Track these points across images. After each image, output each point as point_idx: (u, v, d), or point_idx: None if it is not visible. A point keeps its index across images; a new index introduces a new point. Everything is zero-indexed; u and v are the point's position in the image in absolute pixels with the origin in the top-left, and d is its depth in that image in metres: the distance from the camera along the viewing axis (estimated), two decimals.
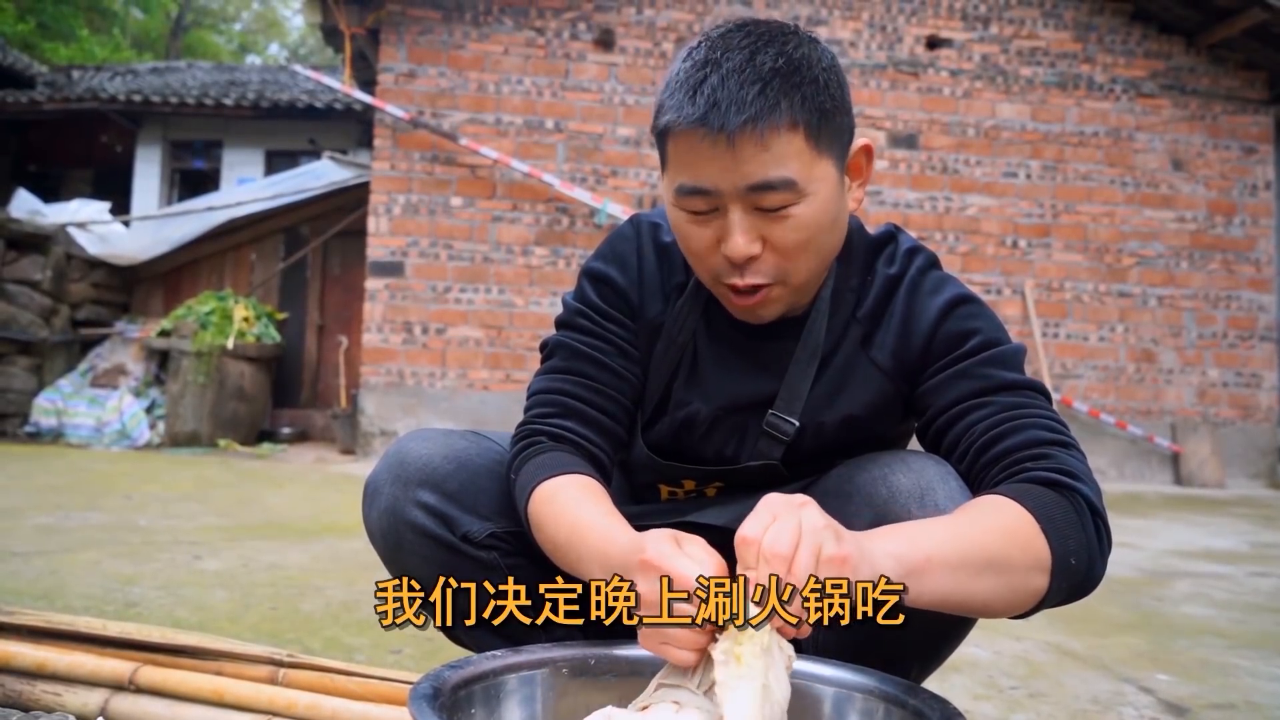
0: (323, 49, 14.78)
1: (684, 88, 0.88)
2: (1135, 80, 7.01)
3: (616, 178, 6.57)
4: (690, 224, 0.93)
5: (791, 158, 0.87)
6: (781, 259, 0.91)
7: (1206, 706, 1.73)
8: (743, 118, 0.84)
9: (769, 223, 0.89)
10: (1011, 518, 0.81)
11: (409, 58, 6.47)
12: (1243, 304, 7.00)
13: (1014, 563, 0.80)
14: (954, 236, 6.79)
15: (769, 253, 0.91)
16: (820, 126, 0.88)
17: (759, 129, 0.85)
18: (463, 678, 0.77)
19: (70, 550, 2.75)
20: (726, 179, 0.87)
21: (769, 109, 0.85)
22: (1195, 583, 3.05)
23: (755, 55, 0.87)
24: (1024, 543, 0.80)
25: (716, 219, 0.91)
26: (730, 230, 0.89)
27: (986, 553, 0.78)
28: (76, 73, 10.88)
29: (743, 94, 0.85)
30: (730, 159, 0.86)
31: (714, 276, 0.95)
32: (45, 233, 7.22)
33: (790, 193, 0.88)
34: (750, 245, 0.89)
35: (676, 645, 0.71)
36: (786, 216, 0.89)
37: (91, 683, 1.19)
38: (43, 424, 6.79)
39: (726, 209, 0.89)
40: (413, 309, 6.42)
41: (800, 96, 0.87)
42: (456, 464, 1.05)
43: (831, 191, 0.91)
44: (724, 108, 0.85)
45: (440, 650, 1.78)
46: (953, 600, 0.78)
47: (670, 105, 0.89)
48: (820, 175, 0.89)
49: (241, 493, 4.43)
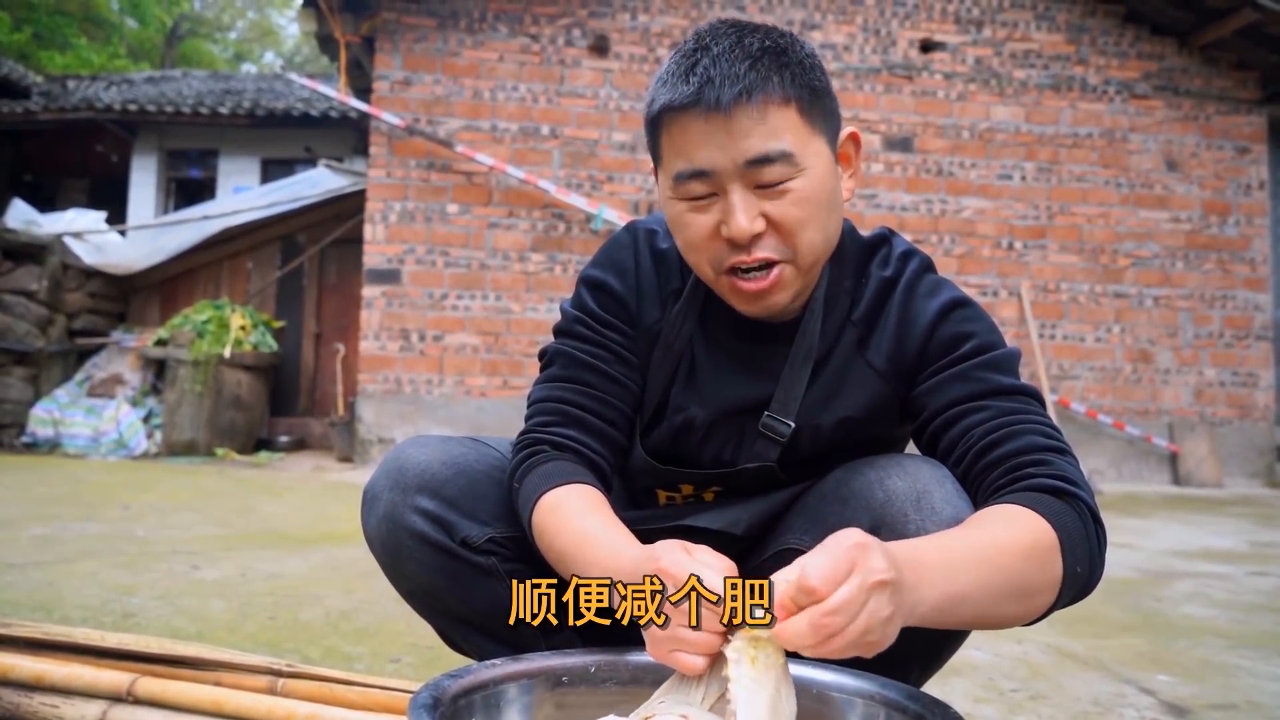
0: (318, 57, 14.80)
1: (675, 74, 0.90)
2: (1128, 81, 7.03)
3: (612, 183, 6.57)
4: (689, 213, 0.93)
5: (786, 131, 0.88)
6: (785, 237, 0.91)
7: (1207, 707, 1.73)
8: (737, 89, 0.86)
9: (769, 199, 0.90)
10: (1034, 536, 0.81)
11: (404, 65, 6.48)
12: (1238, 303, 7.02)
13: (1034, 586, 0.81)
14: (950, 239, 6.80)
15: (771, 231, 0.91)
16: (812, 104, 0.90)
17: (754, 100, 0.86)
18: (463, 687, 0.77)
19: (67, 561, 2.74)
20: (724, 155, 0.88)
21: (762, 80, 0.87)
22: (1195, 582, 3.05)
23: (743, 38, 0.90)
24: (1045, 564, 0.81)
25: (716, 204, 0.91)
26: (731, 210, 0.89)
27: (1014, 582, 0.78)
28: (72, 82, 10.88)
29: (734, 69, 0.87)
30: (727, 135, 0.87)
31: (717, 265, 0.94)
32: (41, 242, 7.21)
33: (788, 165, 0.88)
34: (753, 222, 0.90)
35: (690, 650, 0.69)
36: (786, 191, 0.89)
37: (89, 694, 1.19)
38: (39, 434, 6.77)
39: (726, 190, 0.90)
40: (410, 316, 6.41)
41: (790, 74, 0.89)
42: (455, 470, 1.05)
43: (827, 170, 0.93)
44: (718, 83, 0.86)
45: (440, 659, 1.78)
46: (970, 624, 0.81)
47: (663, 91, 0.91)
48: (815, 152, 0.91)
49: (239, 502, 4.42)
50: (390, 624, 2.12)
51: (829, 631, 0.63)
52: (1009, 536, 0.80)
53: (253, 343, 7.26)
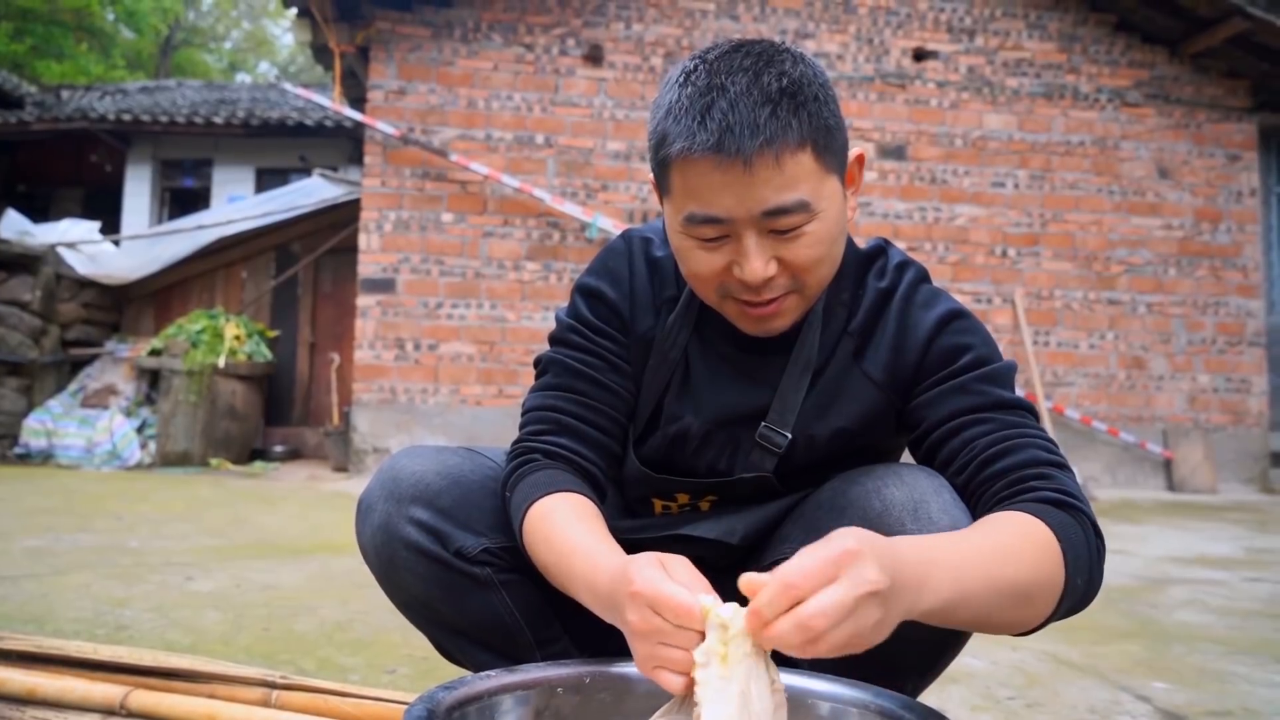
0: (312, 67, 14.82)
1: (690, 114, 0.86)
2: (1120, 90, 7.07)
3: (607, 192, 6.58)
4: (699, 250, 0.92)
5: (803, 179, 0.86)
6: (796, 274, 0.92)
7: (1203, 714, 1.73)
8: (758, 141, 0.83)
9: (783, 243, 0.89)
10: (1040, 543, 0.81)
11: (399, 75, 6.49)
12: (1231, 310, 7.05)
13: (1036, 593, 0.81)
14: (944, 246, 6.82)
15: (783, 271, 0.91)
16: (826, 143, 0.88)
17: (774, 150, 0.84)
18: (457, 699, 0.77)
19: (60, 573, 2.73)
20: (742, 207, 0.86)
21: (782, 130, 0.84)
22: (1190, 589, 3.05)
23: (760, 76, 0.86)
24: (1048, 572, 0.81)
25: (727, 244, 0.90)
26: (746, 255, 0.89)
27: (1018, 587, 0.78)
28: (66, 92, 10.87)
29: (755, 116, 0.84)
30: (745, 185, 0.85)
31: (723, 293, 0.94)
32: (34, 253, 7.19)
33: (804, 214, 0.88)
34: (767, 268, 0.89)
35: (671, 668, 0.69)
36: (800, 235, 0.89)
37: (82, 708, 1.18)
38: (32, 445, 6.74)
39: (740, 235, 0.89)
40: (405, 325, 6.41)
41: (807, 114, 0.86)
42: (450, 480, 1.05)
43: (839, 206, 0.92)
44: (738, 132, 0.83)
45: (436, 670, 1.77)
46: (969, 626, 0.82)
47: (677, 133, 0.87)
48: (829, 193, 0.90)
49: (234, 512, 4.40)
50: (385, 635, 2.11)
51: (814, 634, 0.62)
52: (1016, 542, 0.80)
53: (247, 352, 7.24)
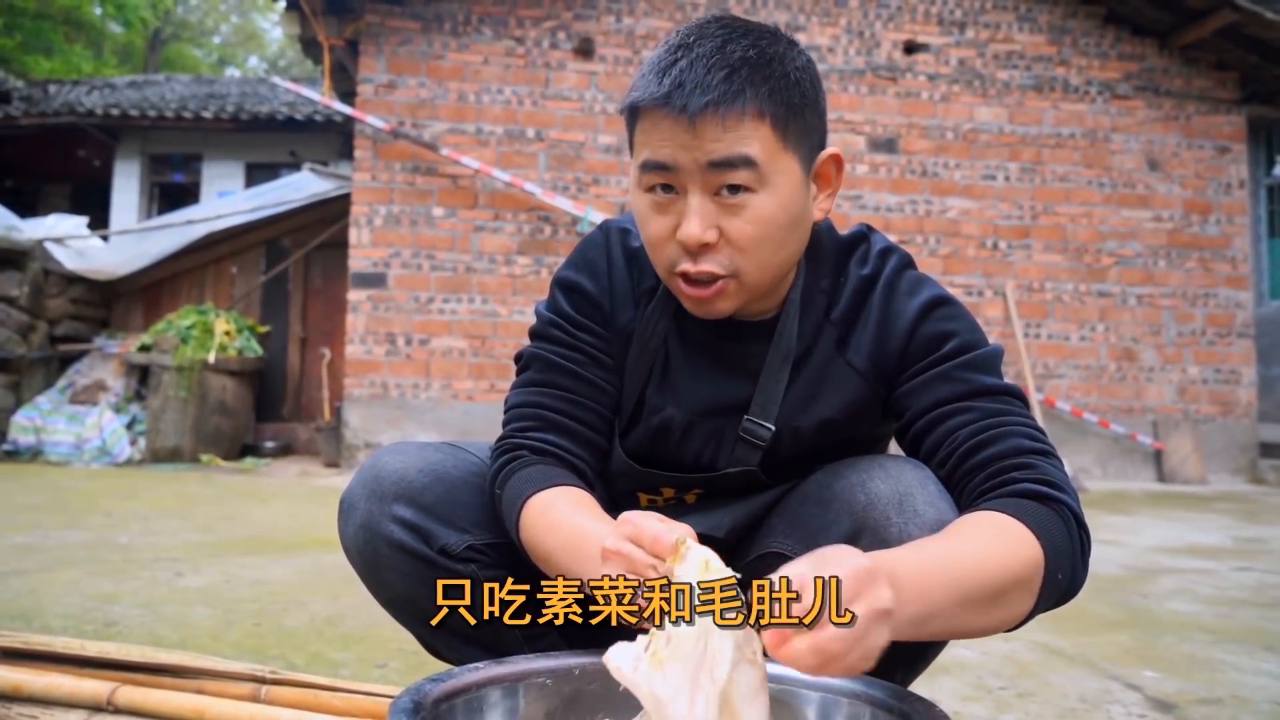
0: (302, 61, 14.74)
1: (655, 69, 0.89)
2: (1110, 82, 7.09)
3: (598, 185, 6.57)
4: (651, 209, 0.93)
5: (756, 141, 0.87)
6: (735, 251, 0.91)
7: (1193, 702, 1.74)
8: (704, 100, 0.85)
9: (726, 212, 0.89)
10: (1015, 546, 0.80)
11: (388, 68, 6.45)
12: (1220, 301, 7.08)
13: (1011, 597, 0.80)
14: (935, 239, 6.83)
15: (724, 244, 0.90)
16: (788, 120, 0.89)
17: (720, 113, 0.85)
18: (444, 691, 0.76)
19: (48, 569, 2.71)
20: (686, 154, 0.87)
21: (733, 94, 0.86)
22: (1180, 579, 3.07)
23: (726, 44, 0.88)
24: (1024, 576, 0.80)
25: (676, 205, 0.91)
26: (686, 214, 0.89)
27: (989, 595, 0.78)
28: (53, 87, 10.78)
29: (708, 78, 0.86)
30: (690, 137, 0.87)
31: (669, 267, 0.94)
32: (22, 248, 7.14)
33: (750, 172, 0.87)
34: (705, 231, 0.89)
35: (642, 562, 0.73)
36: (744, 206, 0.88)
37: (69, 704, 1.17)
38: (21, 442, 6.70)
39: (686, 193, 0.89)
40: (395, 320, 6.39)
41: (768, 89, 0.87)
42: (432, 477, 1.04)
43: (794, 189, 0.91)
44: (688, 89, 0.86)
45: (427, 664, 1.76)
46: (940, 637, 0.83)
47: (639, 84, 0.90)
48: (783, 169, 0.89)
49: (224, 508, 4.39)
50: (376, 629, 2.11)
51: (829, 657, 0.63)
52: (988, 550, 0.79)
53: (237, 348, 7.21)
